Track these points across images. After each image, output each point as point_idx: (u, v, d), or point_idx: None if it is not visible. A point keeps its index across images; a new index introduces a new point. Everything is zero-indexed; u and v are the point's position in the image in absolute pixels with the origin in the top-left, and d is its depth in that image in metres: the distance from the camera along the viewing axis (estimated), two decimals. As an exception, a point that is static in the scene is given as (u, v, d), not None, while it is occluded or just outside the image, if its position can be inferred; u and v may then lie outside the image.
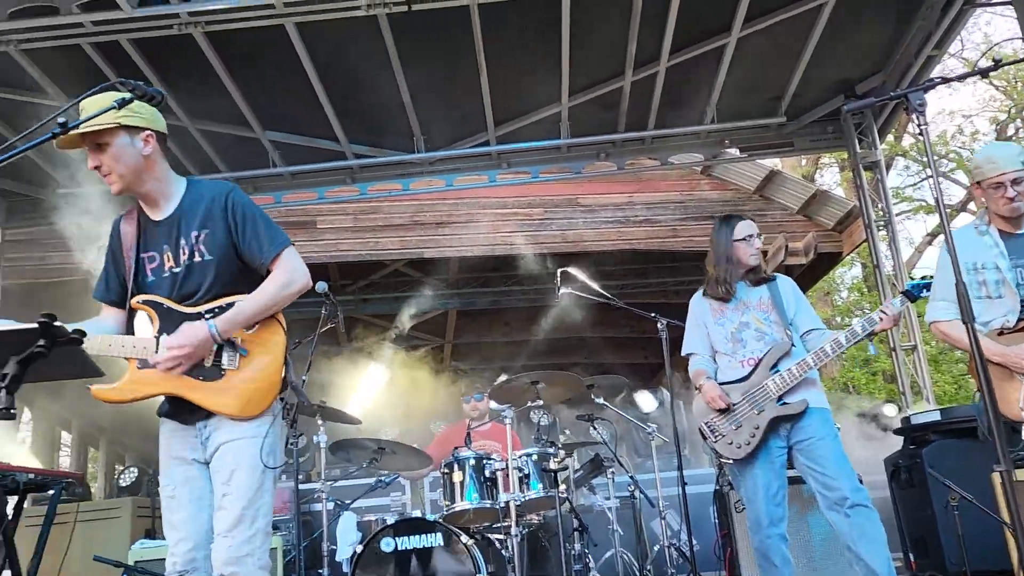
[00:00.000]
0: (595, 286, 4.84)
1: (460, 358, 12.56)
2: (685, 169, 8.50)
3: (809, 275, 9.52)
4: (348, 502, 4.76)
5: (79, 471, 13.01)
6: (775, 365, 3.41)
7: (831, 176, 18.72)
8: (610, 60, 6.35)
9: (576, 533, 4.38)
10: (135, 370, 2.42)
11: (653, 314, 4.51)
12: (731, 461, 3.49)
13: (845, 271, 18.40)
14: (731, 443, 3.42)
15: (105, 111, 2.19)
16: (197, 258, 2.47)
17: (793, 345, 3.44)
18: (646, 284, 10.09)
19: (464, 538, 4.15)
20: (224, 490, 2.39)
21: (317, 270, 9.72)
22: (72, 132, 2.18)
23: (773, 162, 9.82)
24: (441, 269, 9.87)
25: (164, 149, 2.55)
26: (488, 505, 4.24)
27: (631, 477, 4.99)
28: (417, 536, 4.14)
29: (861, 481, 3.34)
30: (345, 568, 4.63)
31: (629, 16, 5.76)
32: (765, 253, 8.84)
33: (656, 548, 4.89)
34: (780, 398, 3.38)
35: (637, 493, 4.90)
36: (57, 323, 1.66)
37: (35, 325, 1.65)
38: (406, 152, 7.13)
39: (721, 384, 3.48)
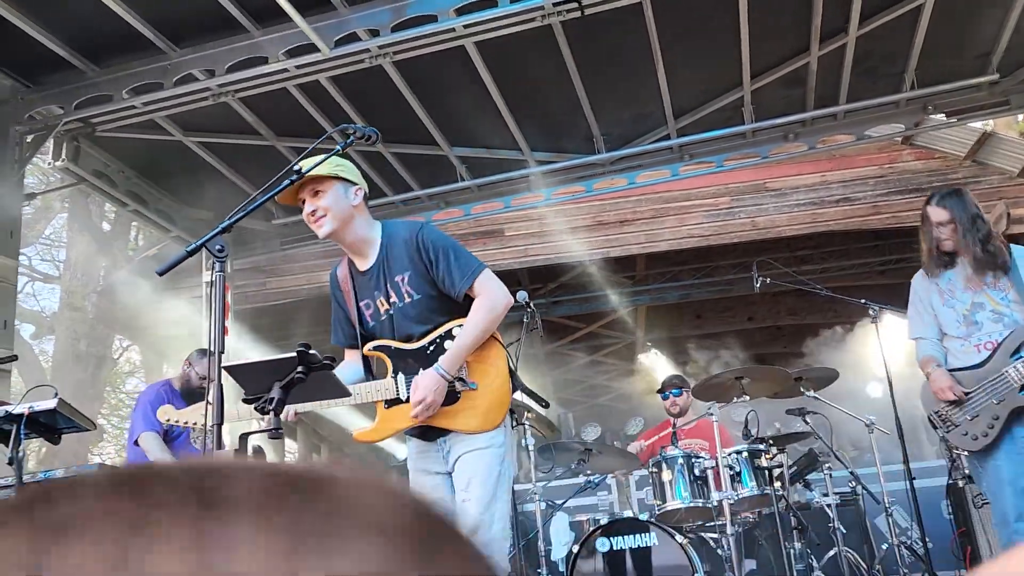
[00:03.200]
0: (793, 274, 4.65)
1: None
2: (883, 141, 7.95)
3: (1039, 243, 8.59)
4: (559, 503, 4.86)
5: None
6: (1017, 351, 3.11)
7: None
8: (793, 36, 6.07)
9: (795, 531, 4.22)
10: (383, 410, 2.68)
11: (863, 300, 4.27)
12: (967, 453, 3.23)
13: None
14: (966, 434, 3.16)
15: (327, 158, 2.45)
16: (407, 299, 2.69)
17: None
18: (849, 266, 9.54)
19: (678, 537, 4.13)
20: (463, 496, 2.60)
21: (508, 276, 10.06)
22: (295, 183, 2.53)
23: (985, 122, 8.95)
24: (628, 266, 9.84)
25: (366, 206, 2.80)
26: (700, 504, 4.19)
27: (851, 472, 4.74)
28: (631, 536, 4.16)
29: None
30: (561, 567, 4.75)
31: (811, -13, 5.49)
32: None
33: (884, 547, 4.61)
34: (1023, 387, 3.09)
35: (859, 489, 4.64)
36: (312, 351, 1.85)
37: (294, 354, 1.84)
38: (587, 154, 7.18)
39: (953, 371, 3.22)
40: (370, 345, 2.74)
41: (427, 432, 2.70)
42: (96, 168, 6.69)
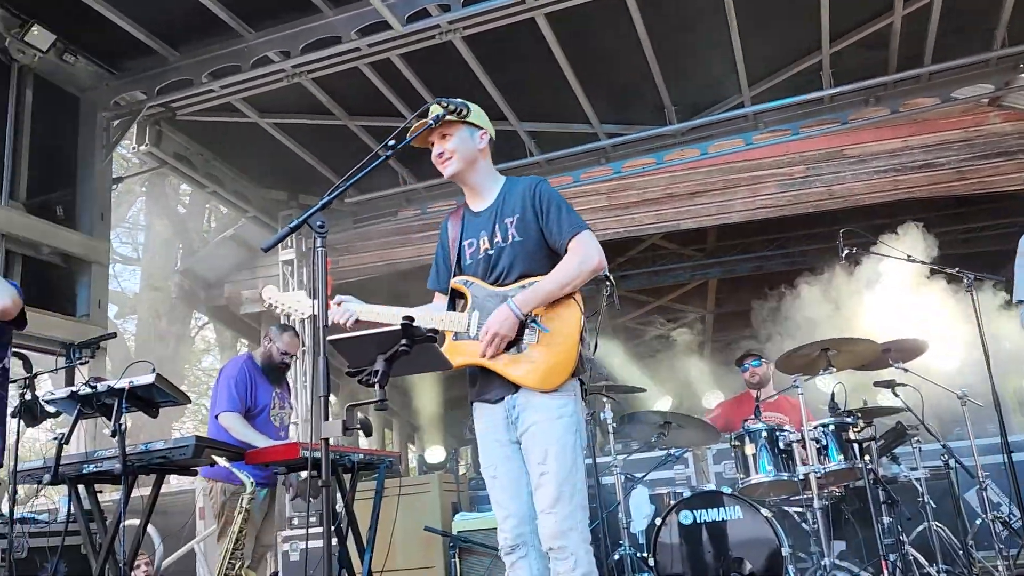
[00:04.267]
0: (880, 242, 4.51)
1: (723, 328, 12.27)
2: (969, 103, 7.61)
3: None
4: (639, 476, 4.85)
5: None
6: None
7: None
8: (875, -4, 5.86)
9: (885, 506, 4.13)
10: (450, 341, 2.72)
11: (957, 269, 4.12)
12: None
13: None
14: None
15: (437, 118, 2.68)
16: (510, 239, 2.74)
17: None
18: (932, 234, 9.19)
19: (764, 511, 4.08)
20: (541, 469, 2.56)
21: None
22: (409, 141, 2.67)
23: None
24: (698, 239, 9.70)
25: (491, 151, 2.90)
26: (786, 477, 4.13)
27: (943, 445, 4.60)
28: (715, 509, 4.14)
29: None
30: (641, 540, 4.75)
31: (896, -56, 5.27)
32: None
33: (978, 522, 4.48)
34: None
35: (952, 463, 4.50)
36: (416, 324, 1.87)
37: (399, 327, 1.87)
38: (658, 125, 7.08)
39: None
40: (458, 278, 2.80)
41: (490, 388, 2.68)
42: (177, 151, 6.88)
